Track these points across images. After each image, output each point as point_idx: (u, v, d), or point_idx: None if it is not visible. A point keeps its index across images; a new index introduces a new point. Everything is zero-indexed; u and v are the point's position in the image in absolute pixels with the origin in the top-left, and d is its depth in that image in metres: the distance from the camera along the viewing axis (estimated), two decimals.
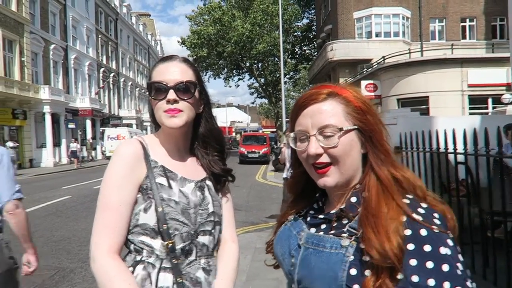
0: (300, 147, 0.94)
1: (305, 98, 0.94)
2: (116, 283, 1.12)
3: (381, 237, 0.78)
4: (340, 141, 0.88)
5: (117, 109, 41.30)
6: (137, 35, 49.81)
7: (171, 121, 1.23)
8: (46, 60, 27.93)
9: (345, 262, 0.83)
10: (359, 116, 0.91)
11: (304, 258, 0.92)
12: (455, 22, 25.40)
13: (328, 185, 0.91)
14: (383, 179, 0.88)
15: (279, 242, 1.03)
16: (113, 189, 1.20)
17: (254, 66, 36.10)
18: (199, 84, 1.31)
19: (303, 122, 0.92)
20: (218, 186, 1.39)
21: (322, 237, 0.91)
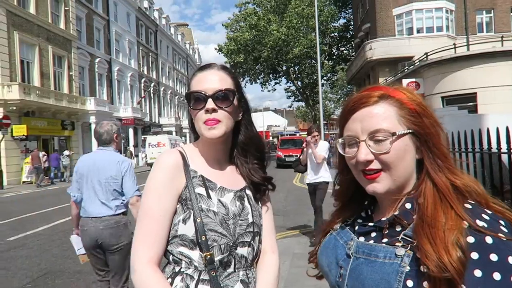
0: (349, 153, 0.88)
1: (355, 101, 0.88)
2: None
3: (439, 248, 0.71)
4: (392, 147, 0.82)
5: (157, 117, 42.64)
6: (176, 45, 51.29)
7: (210, 133, 1.21)
8: (92, 73, 29.41)
9: (400, 273, 0.77)
10: (414, 119, 0.84)
11: (355, 269, 0.86)
12: (504, 12, 23.93)
13: (378, 191, 0.85)
14: (440, 186, 0.80)
15: (324, 252, 0.98)
16: (154, 199, 1.19)
17: (290, 69, 35.97)
18: (238, 91, 1.28)
19: (353, 127, 0.87)
20: (258, 195, 1.35)
21: (374, 246, 0.85)
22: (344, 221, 0.99)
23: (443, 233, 0.73)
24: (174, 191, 1.21)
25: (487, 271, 0.69)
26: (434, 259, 0.71)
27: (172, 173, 1.21)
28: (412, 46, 22.84)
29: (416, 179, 0.86)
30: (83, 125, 27.18)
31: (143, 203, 1.21)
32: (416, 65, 19.21)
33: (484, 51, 16.23)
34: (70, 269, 5.49)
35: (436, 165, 0.83)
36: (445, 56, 17.28)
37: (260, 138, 1.38)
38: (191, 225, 1.18)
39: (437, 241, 0.73)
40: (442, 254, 0.70)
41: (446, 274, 0.69)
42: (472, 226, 0.73)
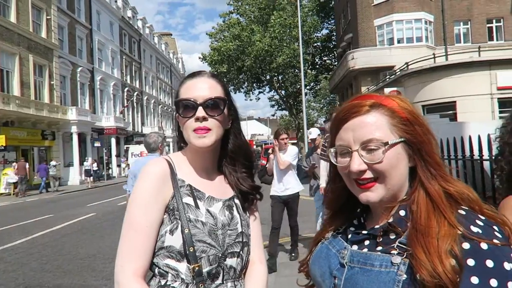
0: (342, 162, 0.87)
1: (346, 110, 0.87)
2: None
3: (433, 258, 0.71)
4: (385, 156, 0.82)
5: (140, 127, 42.22)
6: (160, 54, 51.08)
7: (200, 142, 1.18)
8: (74, 82, 28.95)
9: (398, 281, 0.75)
10: (406, 128, 0.84)
11: (350, 278, 0.84)
12: (480, 23, 24.71)
13: (372, 200, 0.85)
14: (433, 194, 0.80)
15: (316, 262, 0.96)
16: (140, 210, 1.15)
17: (274, 78, 36.20)
18: (228, 100, 1.26)
19: (345, 137, 0.86)
20: (246, 204, 1.32)
21: (369, 255, 0.83)
22: (336, 230, 0.98)
23: (436, 241, 0.73)
24: (161, 201, 1.17)
25: (484, 278, 0.68)
26: (428, 268, 0.70)
27: (159, 183, 1.17)
28: (393, 56, 23.29)
29: (408, 186, 0.86)
30: (64, 135, 26.65)
31: (129, 213, 1.17)
32: (397, 75, 19.58)
33: (462, 61, 16.66)
34: (49, 283, 5.31)
35: (429, 173, 0.83)
36: (425, 66, 17.68)
37: (248, 146, 1.36)
38: (178, 236, 1.14)
39: (431, 250, 0.72)
40: (436, 263, 0.70)
41: (440, 284, 0.69)
42: (466, 233, 0.73)
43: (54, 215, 11.76)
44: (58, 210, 13.01)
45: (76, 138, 26.53)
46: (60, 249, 7.30)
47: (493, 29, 24.89)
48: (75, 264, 6.24)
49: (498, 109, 16.03)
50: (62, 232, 9.07)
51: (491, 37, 24.84)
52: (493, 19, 24.74)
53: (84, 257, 6.62)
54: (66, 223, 10.19)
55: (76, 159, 26.45)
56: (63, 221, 10.53)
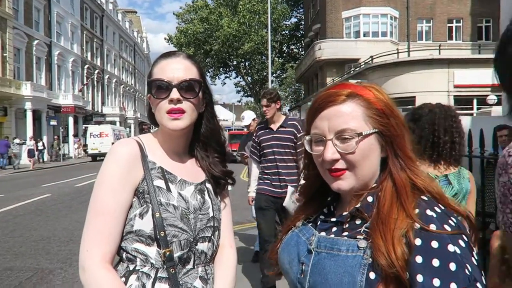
0: (316, 151, 0.88)
1: (323, 99, 0.87)
2: None
3: (388, 244, 0.74)
4: (358, 146, 0.83)
5: (100, 107, 40.69)
6: (123, 32, 49.18)
7: (173, 124, 1.15)
8: (29, 56, 27.33)
9: (363, 265, 0.77)
10: (381, 119, 0.85)
11: (317, 263, 0.85)
12: (442, 23, 25.71)
13: (343, 189, 0.86)
14: (399, 185, 0.82)
15: (286, 249, 0.96)
16: (108, 193, 1.10)
17: (241, 64, 36.03)
18: (203, 82, 1.23)
19: (320, 125, 0.87)
20: (218, 189, 1.31)
21: (336, 240, 0.85)
22: (307, 218, 0.99)
23: (393, 230, 0.75)
24: (130, 184, 1.13)
25: (427, 257, 0.71)
26: (384, 253, 0.73)
27: (128, 164, 1.13)
28: (358, 49, 23.79)
29: (379, 175, 0.88)
30: (17, 111, 25.20)
31: (96, 196, 1.12)
32: (362, 67, 20.06)
33: (423, 58, 17.34)
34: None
35: (398, 165, 0.85)
36: (388, 60, 18.23)
37: (221, 131, 1.34)
38: (149, 220, 1.11)
39: (388, 237, 0.75)
40: (390, 250, 0.73)
41: (393, 270, 0.72)
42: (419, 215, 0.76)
43: (4, 195, 11.17)
44: (9, 190, 12.36)
45: (30, 115, 25.18)
46: (12, 231, 6.95)
47: (453, 28, 26.01)
48: (28, 246, 5.96)
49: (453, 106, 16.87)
50: (14, 213, 8.63)
51: (451, 36, 25.96)
52: (453, 19, 25.83)
53: (38, 240, 6.34)
54: (18, 204, 9.71)
55: (30, 136, 25.16)
56: (15, 201, 10.03)
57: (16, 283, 4.46)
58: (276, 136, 3.68)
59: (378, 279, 0.75)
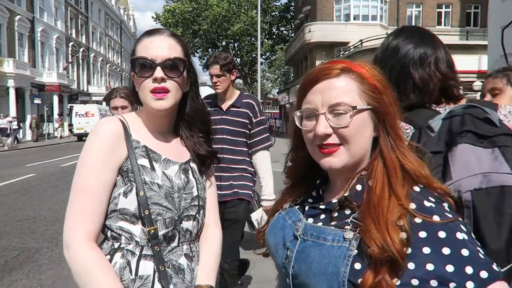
0: (307, 126, 0.85)
1: (317, 73, 0.85)
2: (94, 274, 1.03)
3: (382, 229, 0.72)
4: (352, 121, 0.80)
5: (86, 85, 39.95)
6: (109, 9, 47.92)
7: (157, 104, 1.14)
8: (11, 32, 26.47)
9: (348, 256, 0.76)
10: (375, 96, 0.83)
11: (302, 251, 0.84)
12: (431, 8, 25.75)
13: (334, 166, 0.83)
14: (389, 166, 0.81)
15: (272, 232, 0.96)
16: (91, 171, 1.10)
17: (230, 45, 35.60)
18: (188, 61, 1.21)
19: (312, 99, 0.84)
20: (203, 168, 1.31)
21: (323, 229, 0.83)
22: (294, 201, 0.97)
23: (386, 214, 0.74)
24: (113, 162, 1.12)
25: (436, 247, 0.70)
26: (378, 239, 0.71)
27: (111, 143, 1.12)
28: (348, 32, 23.72)
29: (369, 157, 0.86)
30: (0, 89, 24.58)
31: (79, 174, 1.11)
32: (351, 51, 20.06)
33: None
34: None
35: (389, 144, 0.83)
36: (377, 44, 18.13)
37: (206, 111, 1.33)
38: (133, 199, 1.11)
39: (381, 221, 0.73)
40: (385, 235, 0.71)
41: (388, 254, 0.70)
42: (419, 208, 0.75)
43: None
44: None
45: (13, 93, 24.60)
46: None
47: (442, 14, 26.10)
48: (13, 226, 5.91)
49: None
50: None
51: (440, 21, 26.07)
52: (443, 4, 25.89)
53: (23, 219, 6.29)
54: (2, 183, 9.58)
55: (13, 115, 24.63)
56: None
57: (1, 262, 4.44)
58: (227, 118, 2.73)
59: (364, 269, 0.74)
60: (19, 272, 4.18)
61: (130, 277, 1.10)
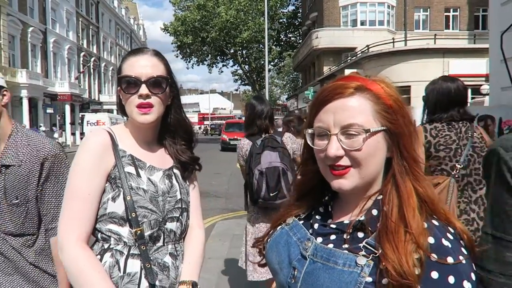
0: (319, 145, 0.83)
1: (329, 91, 0.82)
2: (85, 272, 1.14)
3: (400, 256, 0.71)
4: (365, 144, 0.78)
5: (97, 94, 40.52)
6: (119, 19, 48.67)
7: (143, 118, 1.25)
8: (24, 43, 27.08)
9: (359, 283, 0.75)
10: (389, 116, 0.80)
11: (311, 273, 0.82)
12: (439, 11, 25.63)
13: (344, 188, 0.81)
14: (402, 192, 0.79)
15: (275, 248, 0.93)
16: (82, 179, 1.21)
17: (238, 52, 35.82)
18: (170, 78, 1.32)
19: (325, 119, 0.81)
20: (186, 174, 1.42)
21: (334, 252, 0.81)
22: (298, 215, 0.95)
23: (404, 241, 0.73)
24: (102, 170, 1.23)
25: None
26: (396, 265, 0.70)
27: (100, 153, 1.23)
28: (355, 38, 23.73)
29: (382, 178, 0.84)
30: (13, 99, 25.08)
31: (70, 182, 1.22)
32: (358, 56, 20.08)
33: (419, 47, 17.38)
34: None
35: (403, 167, 0.80)
36: (384, 50, 18.25)
37: (187, 121, 1.44)
38: (120, 203, 1.22)
39: (400, 248, 0.72)
40: (402, 262, 0.70)
41: (405, 281, 0.69)
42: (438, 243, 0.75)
43: None
44: None
45: (26, 103, 25.09)
46: None
47: (450, 18, 25.95)
48: None
49: None
50: None
51: (447, 25, 25.91)
52: (450, 8, 25.75)
53: None
54: None
55: (26, 125, 25.12)
56: None
57: None
58: None
59: None
60: None
61: (119, 274, 1.20)
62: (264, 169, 2.85)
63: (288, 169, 2.86)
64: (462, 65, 16.43)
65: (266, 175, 2.83)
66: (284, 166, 2.86)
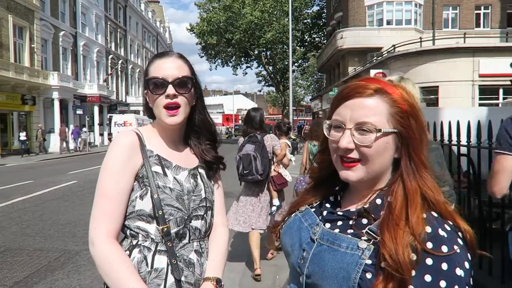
0: (333, 136, 0.90)
1: (351, 89, 0.89)
2: (115, 266, 1.19)
3: (398, 246, 0.77)
4: (375, 142, 0.85)
5: (124, 96, 41.50)
6: (146, 22, 49.71)
7: (171, 120, 1.31)
8: (56, 47, 28.08)
9: (359, 264, 0.81)
10: (402, 121, 0.86)
11: (317, 254, 0.90)
12: (469, 9, 24.85)
13: (350, 179, 0.89)
14: (409, 191, 0.85)
15: (288, 232, 1.01)
16: (112, 178, 1.26)
17: (262, 54, 35.89)
18: (194, 79, 1.37)
19: (342, 113, 0.89)
20: (210, 173, 1.46)
21: (339, 236, 0.88)
22: (310, 204, 1.03)
23: (403, 233, 0.78)
24: (131, 170, 1.28)
25: (436, 278, 0.76)
26: (392, 254, 0.76)
27: (129, 153, 1.28)
28: (381, 37, 23.33)
29: (390, 176, 0.90)
30: (45, 101, 26.04)
31: (101, 181, 1.27)
32: (384, 56, 19.70)
33: (448, 47, 16.88)
34: (30, 247, 5.40)
35: (410, 169, 0.86)
36: (411, 49, 17.84)
37: (211, 121, 1.48)
38: (148, 201, 1.27)
39: (398, 239, 0.78)
40: (399, 252, 0.76)
41: (398, 269, 0.75)
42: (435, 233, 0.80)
43: (34, 181, 11.71)
44: (38, 176, 12.94)
45: (57, 104, 25.97)
46: (41, 215, 7.35)
47: (481, 16, 25.10)
48: (55, 229, 6.32)
49: (478, 95, 16.42)
50: (43, 198, 9.08)
51: (478, 23, 25.08)
52: (481, 5, 24.91)
53: (64, 223, 6.70)
54: (46, 190, 10.18)
55: (57, 125, 25.99)
56: (43, 187, 10.52)
57: (45, 262, 4.79)
58: None
59: (375, 279, 0.78)
60: (60, 272, 4.50)
61: (146, 269, 1.25)
62: (241, 155, 4.14)
63: (257, 156, 4.04)
64: (493, 64, 15.86)
65: (242, 159, 4.10)
66: (254, 154, 4.05)
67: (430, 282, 0.76)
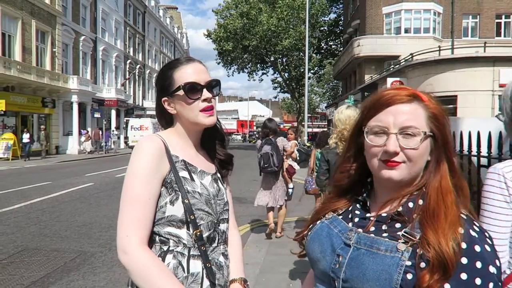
0: (374, 141, 0.94)
1: (391, 96, 0.94)
2: (154, 273, 1.17)
3: (440, 237, 0.81)
4: (421, 144, 0.90)
5: (141, 100, 42.10)
6: (164, 28, 50.45)
7: (209, 120, 1.34)
8: (76, 51, 28.73)
9: (401, 266, 0.84)
10: (438, 124, 0.92)
11: (355, 258, 0.91)
12: (489, 18, 24.47)
13: (393, 178, 0.91)
14: (444, 187, 0.90)
15: (316, 239, 1.02)
16: (141, 183, 1.24)
17: (278, 60, 35.96)
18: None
19: (384, 119, 0.93)
20: (223, 172, 1.49)
21: (377, 239, 0.91)
22: (336, 211, 1.05)
23: (444, 225, 0.83)
24: (159, 175, 1.27)
25: (471, 276, 0.80)
26: (435, 245, 0.80)
27: (157, 158, 1.27)
28: (399, 46, 23.13)
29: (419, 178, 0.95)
30: (65, 104, 26.62)
31: (129, 187, 1.24)
32: (402, 65, 19.50)
33: (467, 56, 16.60)
34: (47, 247, 5.49)
35: (445, 170, 0.92)
36: (429, 58, 17.60)
37: (219, 122, 1.50)
38: (179, 206, 1.26)
39: (439, 231, 0.82)
40: (442, 242, 0.80)
41: (441, 258, 0.79)
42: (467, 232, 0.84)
43: (52, 183, 11.92)
44: (56, 178, 13.17)
45: (76, 107, 26.51)
46: (58, 216, 7.47)
47: (502, 24, 24.68)
48: (72, 230, 6.41)
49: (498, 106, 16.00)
50: (60, 199, 9.23)
51: (499, 32, 24.66)
52: (502, 14, 24.50)
53: (81, 225, 6.79)
54: (64, 191, 10.35)
55: (75, 128, 26.52)
56: (61, 189, 10.70)
57: (61, 263, 4.85)
58: None
59: (414, 279, 0.82)
60: (76, 273, 4.55)
61: (183, 275, 1.25)
62: (262, 154, 5.81)
63: (273, 154, 5.70)
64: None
65: (262, 157, 5.78)
66: (271, 152, 5.70)
67: (466, 280, 0.79)
